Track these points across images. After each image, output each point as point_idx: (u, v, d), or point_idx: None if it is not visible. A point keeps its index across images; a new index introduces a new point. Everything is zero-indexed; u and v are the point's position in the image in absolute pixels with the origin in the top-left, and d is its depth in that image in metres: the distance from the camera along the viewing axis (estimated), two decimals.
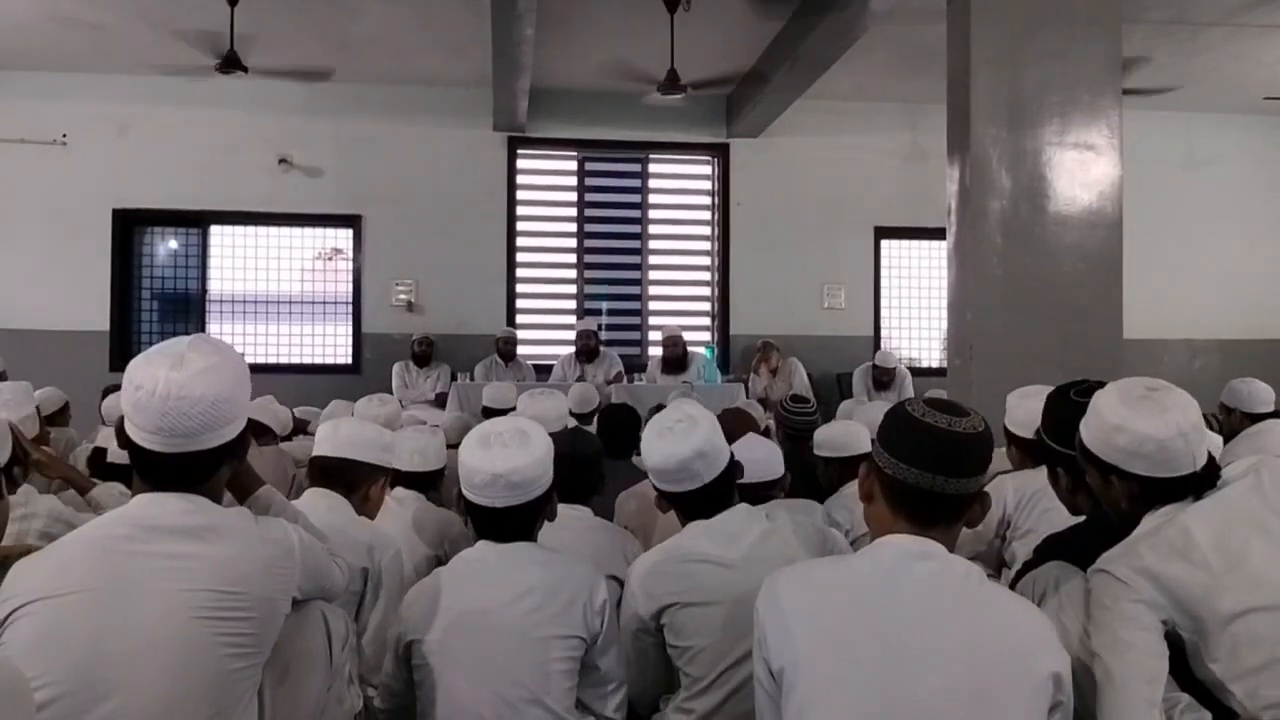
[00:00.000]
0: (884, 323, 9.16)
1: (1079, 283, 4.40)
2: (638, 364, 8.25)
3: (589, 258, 8.98)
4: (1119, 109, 4.49)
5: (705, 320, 9.02)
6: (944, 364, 5.84)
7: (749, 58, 7.60)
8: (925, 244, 9.04)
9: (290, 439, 4.72)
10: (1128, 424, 1.70)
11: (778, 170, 8.75)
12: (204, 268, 8.44)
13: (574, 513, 2.54)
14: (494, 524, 1.99)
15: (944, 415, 1.49)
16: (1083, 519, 2.03)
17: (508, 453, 1.95)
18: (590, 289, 8.97)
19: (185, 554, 1.52)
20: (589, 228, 8.97)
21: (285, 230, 8.54)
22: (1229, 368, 7.11)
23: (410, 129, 8.38)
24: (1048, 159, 4.42)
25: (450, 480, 3.53)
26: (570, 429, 3.27)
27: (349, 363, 8.49)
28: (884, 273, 9.16)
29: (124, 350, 8.05)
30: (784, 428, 4.27)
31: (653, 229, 9.05)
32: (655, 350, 8.18)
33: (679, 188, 9.14)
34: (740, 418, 3.79)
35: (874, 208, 8.88)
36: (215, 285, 8.48)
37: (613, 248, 9.03)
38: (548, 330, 8.81)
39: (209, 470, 1.61)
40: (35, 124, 7.99)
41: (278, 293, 8.56)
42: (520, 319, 8.65)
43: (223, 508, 1.64)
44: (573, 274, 8.95)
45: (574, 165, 8.95)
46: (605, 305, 8.89)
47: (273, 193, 8.29)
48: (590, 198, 8.99)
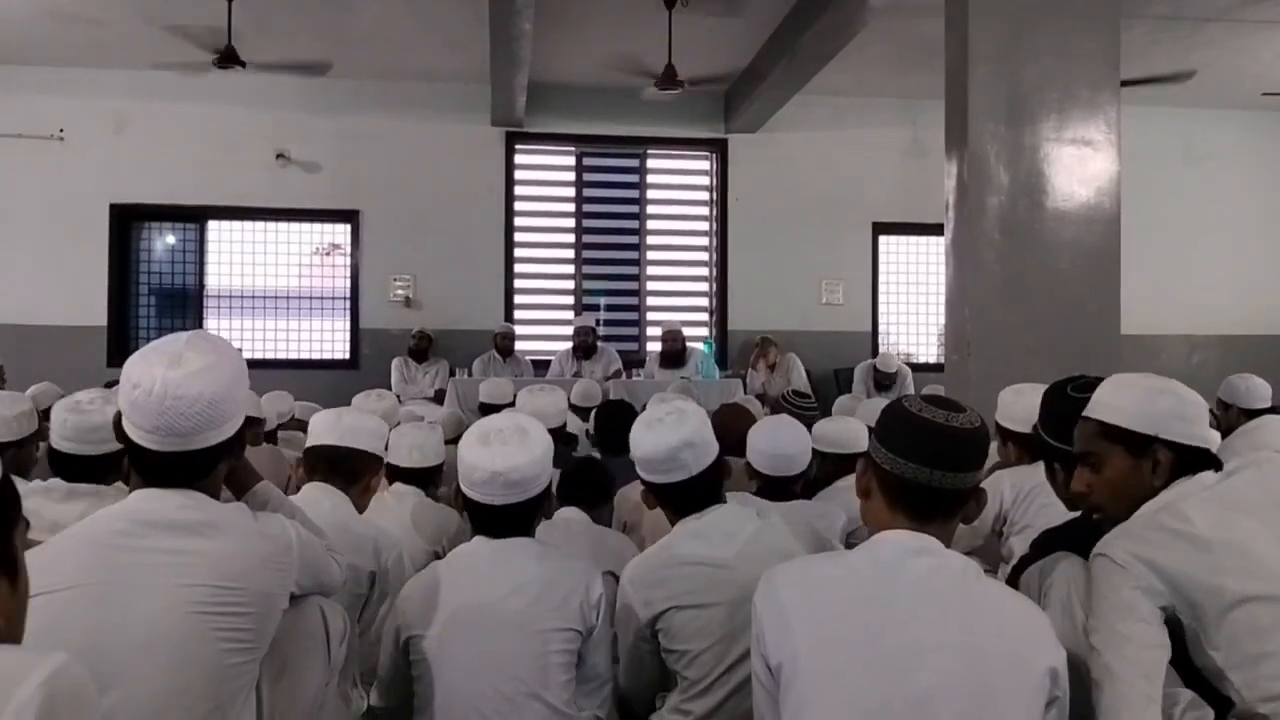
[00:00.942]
0: (882, 318, 9.17)
1: (1077, 278, 4.40)
2: (636, 359, 8.25)
3: (587, 253, 8.98)
4: (1117, 105, 4.48)
5: (704, 316, 9.03)
6: (942, 360, 5.85)
7: (747, 53, 7.59)
8: (923, 239, 9.05)
9: (281, 431, 4.73)
10: (1170, 387, 1.76)
11: (776, 166, 8.75)
12: (201, 263, 8.43)
13: (570, 514, 2.55)
14: (492, 520, 2.00)
15: (941, 411, 1.50)
16: (1079, 514, 2.03)
17: (508, 450, 1.95)
18: (588, 284, 8.96)
19: (183, 549, 1.52)
20: (587, 223, 8.97)
21: (283, 225, 8.53)
22: (1227, 363, 7.12)
23: (408, 124, 8.37)
24: (1046, 155, 4.42)
25: (448, 476, 3.54)
26: (583, 459, 3.16)
27: (347, 358, 8.48)
28: (882, 268, 9.17)
29: (122, 345, 8.04)
30: None
31: (651, 224, 9.04)
32: (654, 346, 8.18)
33: (677, 183, 9.14)
34: (738, 413, 3.79)
35: (872, 203, 8.88)
36: (213, 280, 8.47)
37: (611, 243, 9.02)
38: (546, 326, 8.80)
39: (206, 468, 1.61)
40: (32, 119, 7.97)
41: (275, 288, 8.56)
42: (518, 314, 8.65)
43: (220, 503, 1.64)
44: (571, 269, 8.95)
45: (572, 160, 8.94)
46: (603, 301, 8.89)
47: (270, 188, 8.27)
48: (588, 193, 8.98)
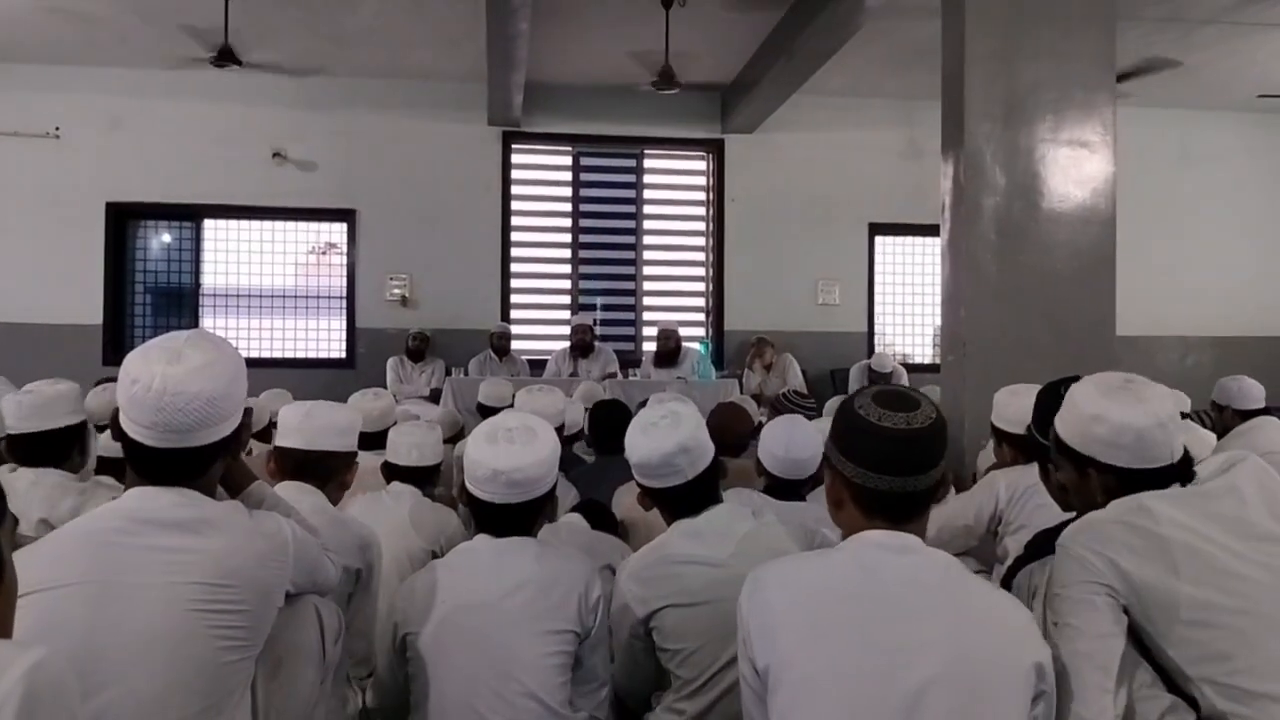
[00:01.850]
0: (878, 319, 9.17)
1: (1072, 279, 4.41)
2: (632, 359, 8.25)
3: (584, 253, 8.97)
4: (1113, 106, 4.49)
5: (700, 316, 9.03)
6: (937, 360, 5.85)
7: (744, 53, 7.60)
8: (919, 240, 9.06)
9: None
10: (1106, 414, 1.70)
11: (772, 166, 8.75)
12: (197, 262, 8.42)
13: (571, 518, 2.55)
14: (494, 519, 2.00)
15: (900, 414, 1.50)
16: (1074, 515, 2.04)
17: (513, 450, 1.95)
18: (585, 284, 8.96)
19: (178, 547, 1.52)
20: (584, 223, 8.97)
21: (279, 224, 8.52)
22: (1222, 364, 7.13)
23: (405, 123, 8.37)
24: (1042, 156, 4.42)
25: (448, 474, 3.54)
26: (588, 501, 3.10)
27: (343, 357, 8.48)
28: (878, 269, 9.17)
29: (117, 344, 8.03)
30: None
31: (647, 224, 9.04)
32: (650, 346, 8.18)
33: (674, 183, 9.14)
34: (735, 412, 3.80)
35: (868, 204, 8.89)
36: (209, 279, 8.46)
37: (607, 243, 9.02)
38: (542, 325, 8.80)
39: (203, 466, 1.61)
40: (28, 117, 7.96)
41: (271, 287, 8.55)
42: (515, 314, 8.65)
43: (216, 501, 1.64)
44: (567, 269, 8.95)
45: (569, 160, 8.94)
46: (600, 301, 8.88)
47: (267, 187, 8.26)
48: (585, 193, 8.98)
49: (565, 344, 7.86)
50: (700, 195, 9.07)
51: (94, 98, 8.03)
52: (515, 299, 8.74)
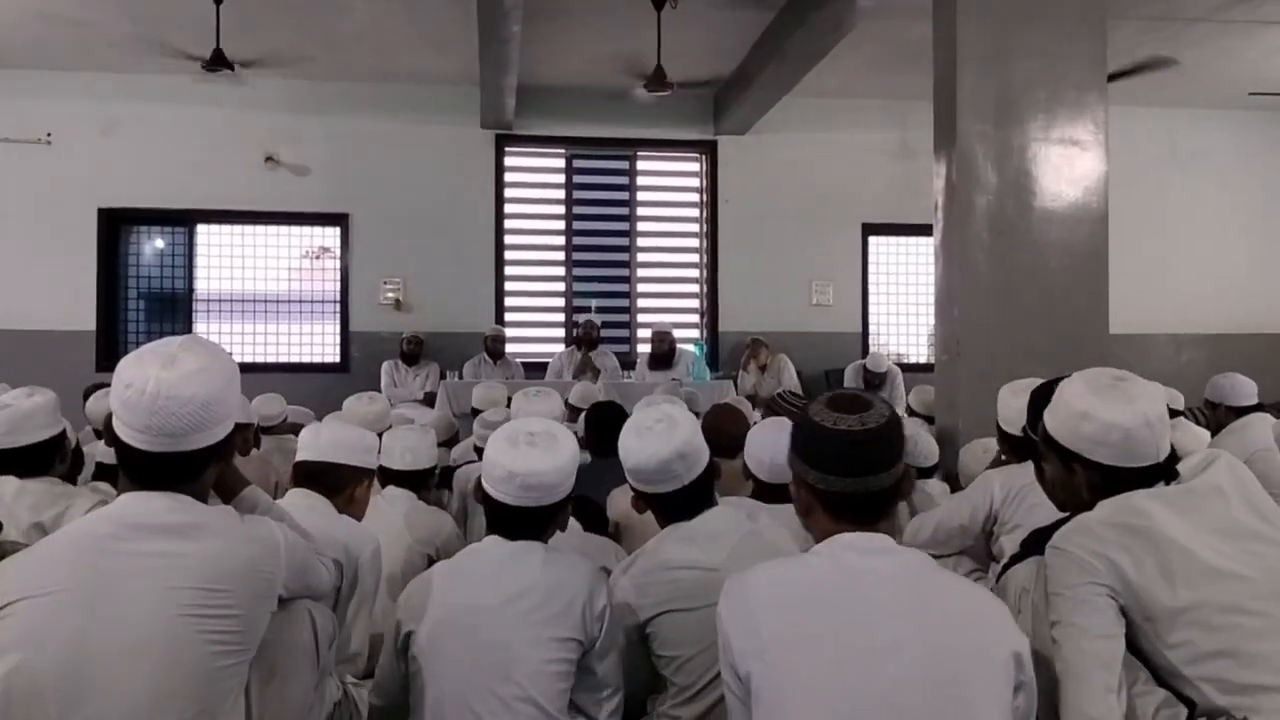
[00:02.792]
0: (872, 319, 9.18)
1: (1066, 278, 4.42)
2: (627, 361, 8.26)
3: (577, 255, 8.97)
4: (1104, 105, 4.51)
5: (694, 317, 9.03)
6: (932, 360, 5.86)
7: (736, 54, 7.60)
8: (912, 240, 9.07)
9: (273, 434, 4.73)
10: (1094, 411, 1.70)
11: (765, 167, 8.76)
12: (190, 267, 8.40)
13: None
14: (506, 520, 1.99)
15: (854, 416, 1.52)
16: (1068, 514, 2.04)
17: (533, 454, 1.95)
18: (579, 286, 8.96)
19: (171, 552, 1.52)
20: (577, 225, 8.96)
21: (272, 229, 8.50)
22: (1216, 362, 7.14)
23: (397, 127, 8.36)
24: (1034, 155, 4.44)
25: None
26: (579, 496, 3.10)
27: (337, 361, 8.46)
28: (872, 269, 9.18)
29: (110, 350, 8.00)
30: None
31: (641, 226, 9.05)
32: (645, 348, 8.19)
33: (667, 185, 9.14)
34: (730, 413, 3.79)
35: (861, 204, 8.89)
36: (202, 284, 8.44)
37: (601, 245, 9.02)
38: (536, 328, 8.80)
39: (196, 470, 1.61)
40: (19, 122, 7.93)
41: (265, 292, 8.52)
42: (509, 317, 8.64)
43: (208, 506, 1.64)
44: (561, 271, 8.95)
45: (562, 163, 8.94)
46: (594, 303, 8.88)
47: (259, 191, 8.24)
48: (578, 195, 8.97)
49: (561, 346, 7.90)
50: (694, 197, 9.07)
51: (86, 103, 8.00)
52: (509, 302, 8.73)
